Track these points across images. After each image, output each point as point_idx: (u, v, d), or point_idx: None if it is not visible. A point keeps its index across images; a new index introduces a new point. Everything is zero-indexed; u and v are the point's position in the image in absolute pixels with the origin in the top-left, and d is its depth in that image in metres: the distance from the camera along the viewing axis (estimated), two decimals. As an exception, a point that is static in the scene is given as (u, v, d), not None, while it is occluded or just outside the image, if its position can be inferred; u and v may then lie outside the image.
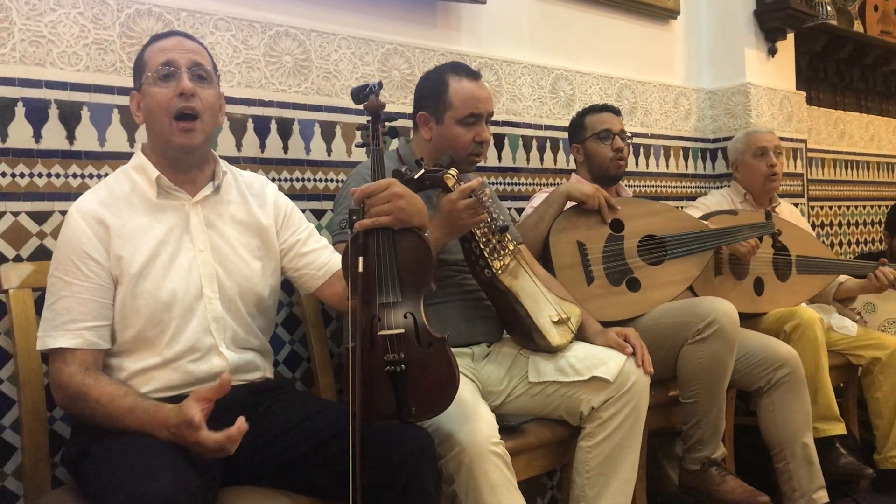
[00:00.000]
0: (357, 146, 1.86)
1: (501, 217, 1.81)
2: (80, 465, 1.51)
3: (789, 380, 2.47)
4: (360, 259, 1.59)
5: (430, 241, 1.70)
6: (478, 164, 2.22)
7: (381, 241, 1.63)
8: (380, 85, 1.81)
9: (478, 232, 1.95)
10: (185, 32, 1.76)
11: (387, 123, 1.80)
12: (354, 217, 1.63)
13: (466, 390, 1.81)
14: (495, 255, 1.97)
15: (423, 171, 1.83)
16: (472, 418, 1.74)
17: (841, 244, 4.55)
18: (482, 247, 1.96)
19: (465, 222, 1.87)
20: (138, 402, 1.50)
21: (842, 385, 3.11)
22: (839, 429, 2.73)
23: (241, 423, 1.41)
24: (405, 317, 1.62)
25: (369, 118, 1.78)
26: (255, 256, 1.78)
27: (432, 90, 2.16)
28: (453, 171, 1.89)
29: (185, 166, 1.70)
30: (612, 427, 1.97)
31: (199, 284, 1.67)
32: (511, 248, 2.03)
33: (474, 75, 2.18)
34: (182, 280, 1.65)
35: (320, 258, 1.85)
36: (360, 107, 1.80)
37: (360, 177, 2.06)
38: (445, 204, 1.86)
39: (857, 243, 4.68)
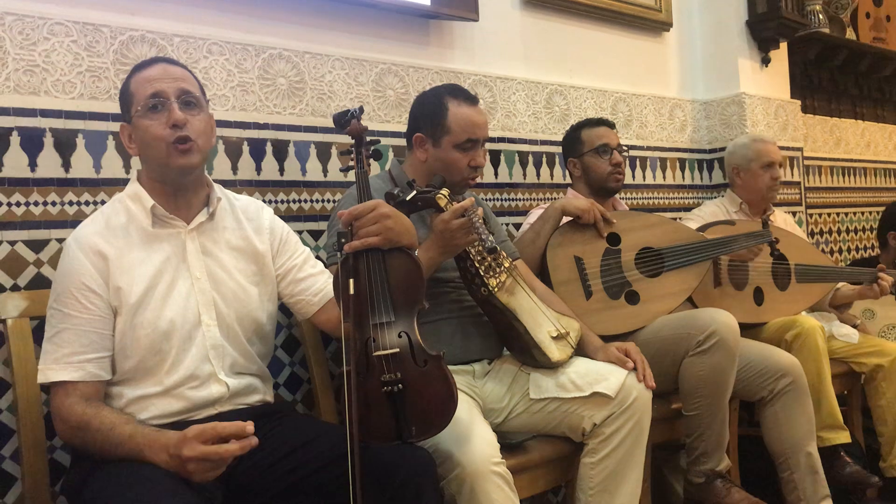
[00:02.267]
0: (342, 170, 1.86)
1: (491, 238, 1.80)
2: (80, 494, 1.51)
3: (792, 389, 2.46)
4: (351, 281, 1.59)
5: (419, 259, 1.71)
6: (470, 187, 2.23)
7: (371, 262, 1.64)
8: (360, 109, 1.85)
9: (472, 251, 1.95)
10: (169, 58, 1.76)
11: (371, 147, 1.82)
12: (343, 240, 1.63)
13: (465, 410, 1.80)
14: (491, 273, 1.97)
15: (415, 192, 1.84)
16: (472, 438, 1.74)
17: (840, 251, 4.55)
18: (477, 265, 1.96)
19: (458, 241, 1.87)
20: (138, 428, 1.49)
21: (845, 393, 3.10)
22: (843, 437, 2.71)
23: (251, 441, 1.39)
24: (399, 336, 1.62)
25: (353, 142, 1.80)
26: (251, 282, 1.77)
27: (430, 113, 2.16)
28: (445, 192, 1.89)
29: (182, 189, 1.70)
30: (615, 443, 1.96)
31: (196, 312, 1.66)
32: (507, 265, 2.03)
33: (472, 99, 2.18)
34: (180, 308, 1.65)
35: (316, 284, 1.85)
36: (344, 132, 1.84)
37: (351, 200, 2.07)
38: (438, 224, 1.86)
39: (857, 250, 4.68)
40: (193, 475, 1.39)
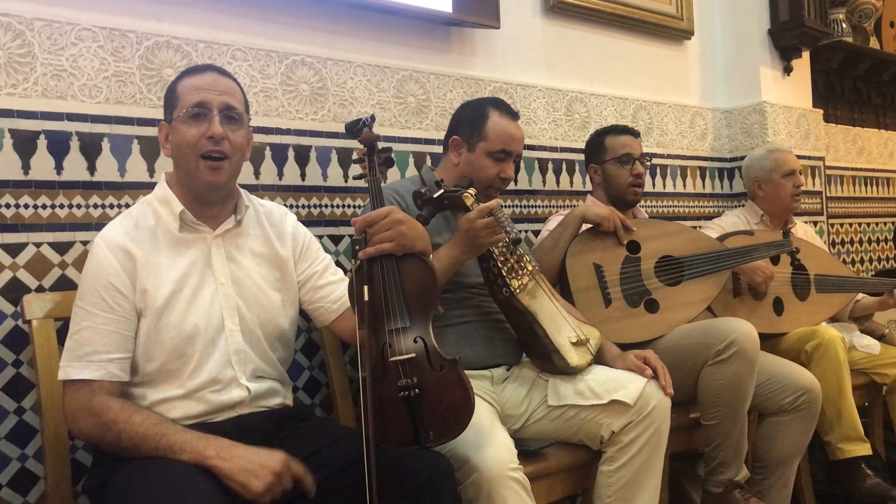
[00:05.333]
0: (355, 178, 1.88)
1: (517, 230, 1.82)
2: (102, 493, 1.52)
3: (805, 409, 2.44)
4: (366, 287, 1.60)
5: (433, 264, 1.72)
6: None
7: (385, 268, 1.65)
8: (372, 118, 1.88)
9: (496, 251, 1.96)
10: (221, 68, 1.76)
11: (383, 155, 1.84)
12: (357, 247, 1.64)
13: (483, 415, 1.81)
14: (513, 275, 1.98)
15: (442, 190, 1.86)
16: (489, 443, 1.74)
17: (862, 261, 4.51)
18: (500, 266, 1.97)
19: (483, 241, 1.89)
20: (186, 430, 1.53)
21: (866, 405, 3.07)
22: (865, 449, 2.68)
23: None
24: (415, 341, 1.63)
25: (364, 151, 1.82)
26: (274, 288, 1.79)
27: (471, 118, 2.20)
28: (472, 191, 1.91)
29: (210, 202, 1.72)
30: (634, 451, 1.95)
31: (220, 317, 1.68)
32: (530, 268, 2.03)
33: (513, 115, 2.23)
34: (204, 313, 1.66)
35: (336, 291, 1.86)
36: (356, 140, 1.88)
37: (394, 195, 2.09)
38: (464, 223, 1.88)
39: (879, 260, 4.64)
40: (257, 486, 1.44)
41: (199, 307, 1.66)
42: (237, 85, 1.74)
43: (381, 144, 1.86)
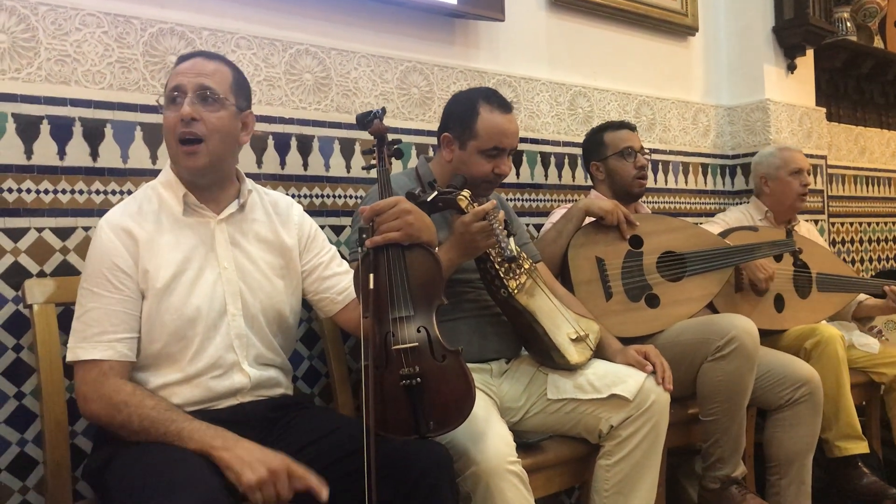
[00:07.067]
0: (364, 168, 1.88)
1: (511, 247, 1.81)
2: (102, 478, 1.52)
3: (807, 400, 2.45)
4: (371, 276, 1.60)
5: (438, 255, 1.72)
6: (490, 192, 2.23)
7: (391, 257, 1.65)
8: (383, 110, 1.88)
9: (493, 252, 1.95)
10: (209, 52, 1.75)
11: (393, 146, 1.84)
12: (364, 235, 1.65)
13: (482, 407, 1.80)
14: (511, 275, 1.97)
15: (436, 192, 1.85)
16: (488, 436, 1.74)
17: (862, 261, 4.51)
18: (497, 267, 1.96)
19: (479, 244, 1.87)
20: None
21: (864, 403, 3.07)
22: (862, 448, 2.69)
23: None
24: (418, 330, 1.63)
25: (375, 142, 1.83)
26: (278, 275, 1.79)
27: (461, 115, 2.14)
28: (466, 193, 1.89)
29: (203, 186, 1.72)
30: (632, 446, 1.96)
31: (223, 301, 1.68)
32: (527, 266, 2.03)
33: (505, 107, 2.15)
34: (207, 297, 1.66)
35: (341, 283, 1.86)
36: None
37: (374, 198, 2.07)
38: (459, 226, 1.86)
39: (879, 260, 4.64)
40: (254, 481, 1.41)
41: (201, 290, 1.66)
42: (228, 67, 1.72)
43: (390, 136, 1.86)
